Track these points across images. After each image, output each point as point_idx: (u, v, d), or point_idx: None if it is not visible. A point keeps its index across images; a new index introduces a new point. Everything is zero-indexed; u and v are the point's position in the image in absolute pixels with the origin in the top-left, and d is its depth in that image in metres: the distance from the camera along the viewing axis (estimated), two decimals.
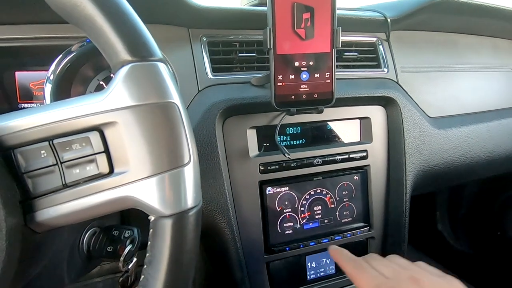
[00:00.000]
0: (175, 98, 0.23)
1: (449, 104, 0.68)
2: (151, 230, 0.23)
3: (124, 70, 0.22)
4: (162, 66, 0.23)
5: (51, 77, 0.44)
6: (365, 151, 0.59)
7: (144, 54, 0.22)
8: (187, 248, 0.23)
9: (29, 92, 0.53)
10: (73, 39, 0.48)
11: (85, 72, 0.49)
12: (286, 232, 0.56)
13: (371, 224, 0.61)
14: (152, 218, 0.23)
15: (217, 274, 0.60)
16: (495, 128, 0.69)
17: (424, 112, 0.64)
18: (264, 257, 0.54)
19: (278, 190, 0.55)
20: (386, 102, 0.60)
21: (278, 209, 0.55)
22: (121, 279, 0.47)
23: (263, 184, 0.53)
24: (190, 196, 0.23)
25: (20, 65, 0.53)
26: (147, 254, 0.23)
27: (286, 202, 0.55)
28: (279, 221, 0.55)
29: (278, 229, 0.55)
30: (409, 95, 0.63)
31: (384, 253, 0.63)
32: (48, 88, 0.44)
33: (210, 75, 0.52)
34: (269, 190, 0.54)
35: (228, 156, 0.51)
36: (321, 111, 0.48)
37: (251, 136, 0.53)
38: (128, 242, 0.39)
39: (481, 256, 1.11)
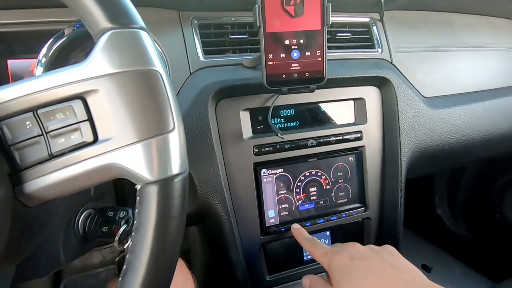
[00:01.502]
0: (157, 65, 0.23)
1: (444, 84, 0.67)
2: (137, 198, 0.23)
3: (104, 37, 0.22)
4: (143, 34, 0.23)
5: (43, 60, 0.44)
6: (360, 132, 0.59)
7: (124, 21, 0.22)
8: (174, 214, 0.23)
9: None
10: (64, 23, 0.48)
11: (77, 56, 0.49)
12: (282, 214, 0.56)
13: (367, 204, 0.61)
14: (138, 186, 0.23)
15: (214, 256, 0.61)
16: (491, 108, 0.69)
17: (419, 92, 0.64)
18: (260, 238, 0.55)
19: (273, 172, 0.55)
20: (380, 83, 0.60)
21: (273, 191, 0.55)
22: (117, 258, 0.48)
23: (257, 166, 0.54)
24: (176, 163, 0.23)
25: (12, 53, 0.53)
26: (135, 222, 0.23)
27: (281, 184, 0.55)
28: (274, 202, 0.55)
29: (274, 210, 0.55)
30: (403, 75, 0.63)
31: (380, 233, 0.64)
32: (39, 71, 0.44)
33: (201, 58, 0.52)
34: (264, 172, 0.54)
35: (221, 138, 0.51)
36: (312, 90, 0.48)
37: (245, 118, 0.53)
38: (123, 222, 0.40)
39: (480, 239, 1.12)
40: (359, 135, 0.59)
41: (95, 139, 0.22)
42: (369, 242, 0.63)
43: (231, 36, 0.54)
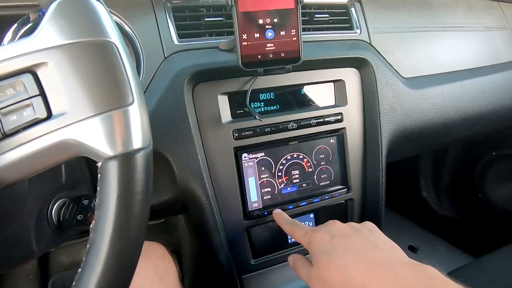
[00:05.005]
0: (112, 37, 0.22)
1: (423, 65, 0.68)
2: (99, 176, 0.23)
3: (53, 6, 0.21)
4: (96, 4, 0.22)
5: None
6: (340, 114, 0.59)
7: None
8: (137, 189, 0.22)
9: None
10: (29, 8, 0.46)
11: None
12: (264, 198, 0.56)
13: (349, 186, 0.62)
14: (99, 164, 0.23)
15: (200, 243, 0.61)
16: (469, 87, 0.70)
17: (398, 73, 0.64)
18: (243, 222, 0.55)
19: (254, 156, 0.55)
20: (360, 64, 0.60)
21: (255, 175, 0.55)
22: None
23: (238, 151, 0.53)
24: (137, 137, 0.23)
25: None
26: (96, 200, 0.23)
27: (263, 168, 0.55)
28: (256, 186, 0.55)
29: (256, 194, 0.55)
30: (382, 56, 0.63)
31: (363, 214, 0.64)
32: None
33: (176, 41, 0.50)
34: (245, 156, 0.54)
35: (200, 123, 0.51)
36: (289, 70, 0.47)
37: (223, 102, 0.52)
38: None
39: (464, 219, 1.15)
40: (339, 117, 0.59)
41: (49, 115, 0.22)
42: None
43: (207, 19, 0.52)
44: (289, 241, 0.60)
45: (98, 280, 0.21)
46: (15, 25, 0.44)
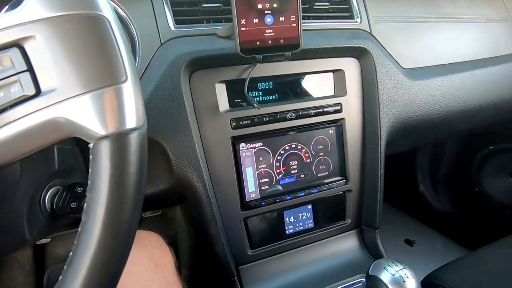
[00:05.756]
0: (104, 10, 0.21)
1: (423, 56, 0.67)
2: (90, 157, 0.22)
3: None
4: None
5: None
6: (339, 104, 0.58)
7: None
8: (130, 170, 0.22)
9: None
10: None
11: None
12: (262, 188, 0.55)
13: (348, 177, 0.61)
14: (91, 144, 0.22)
15: (196, 234, 0.60)
16: (469, 79, 0.69)
17: (398, 63, 0.63)
18: (240, 213, 0.54)
19: (252, 145, 0.54)
20: (360, 53, 0.59)
21: (253, 165, 0.54)
22: None
23: (236, 140, 0.52)
24: (130, 117, 0.22)
25: None
26: (88, 182, 0.22)
27: (261, 158, 0.55)
28: (254, 177, 0.55)
29: (254, 184, 0.55)
30: (382, 46, 0.62)
31: (361, 205, 0.64)
32: None
33: (172, 28, 0.49)
34: (243, 146, 0.53)
35: (197, 112, 0.50)
36: (288, 58, 0.46)
37: (221, 91, 0.51)
38: None
39: (461, 213, 1.16)
40: (338, 107, 0.58)
41: (38, 92, 0.21)
42: (350, 214, 0.64)
43: (204, 5, 0.51)
44: (287, 232, 0.60)
45: (90, 263, 0.21)
46: (6, 6, 0.42)
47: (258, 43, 0.44)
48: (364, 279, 0.47)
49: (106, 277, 0.21)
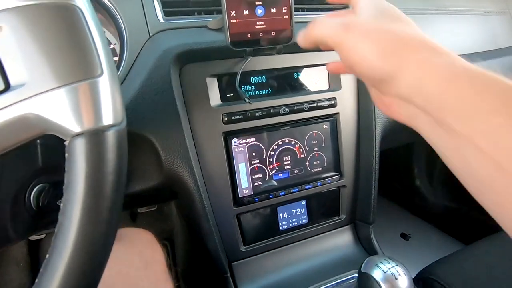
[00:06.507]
0: (77, 0, 0.20)
1: None
2: (66, 155, 0.21)
3: None
4: None
5: None
6: (334, 98, 0.57)
7: None
8: (107, 169, 0.21)
9: None
10: None
11: None
12: (255, 184, 0.55)
13: (342, 172, 0.61)
14: (67, 142, 0.21)
15: (189, 230, 0.60)
16: None
17: None
18: (233, 209, 0.54)
19: (244, 141, 0.53)
20: None
21: (246, 161, 0.53)
22: None
23: (228, 135, 0.51)
24: (106, 113, 0.21)
25: None
26: (65, 181, 0.21)
27: (254, 153, 0.54)
28: (247, 172, 0.54)
29: (246, 180, 0.54)
30: None
31: (355, 200, 0.64)
32: None
33: (161, 20, 0.48)
34: (235, 141, 0.52)
35: (188, 106, 0.48)
36: (280, 51, 0.45)
37: (212, 85, 0.50)
38: None
39: (457, 207, 1.16)
40: (333, 102, 0.57)
41: (7, 86, 0.19)
42: (345, 210, 0.63)
43: None
44: (280, 228, 0.59)
45: (67, 266, 0.20)
46: None
47: (248, 35, 0.43)
48: (357, 275, 0.47)
49: (83, 281, 0.20)
